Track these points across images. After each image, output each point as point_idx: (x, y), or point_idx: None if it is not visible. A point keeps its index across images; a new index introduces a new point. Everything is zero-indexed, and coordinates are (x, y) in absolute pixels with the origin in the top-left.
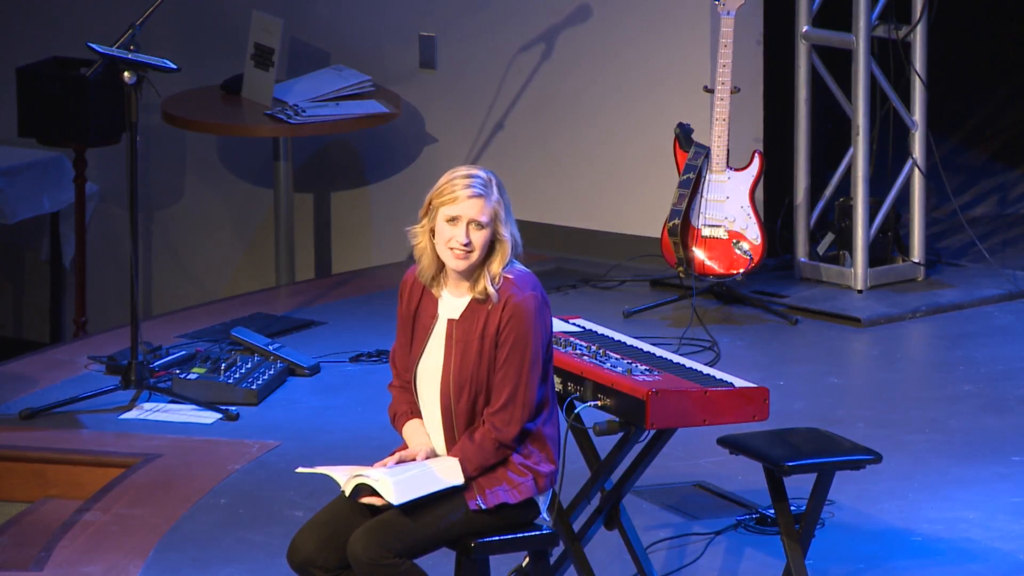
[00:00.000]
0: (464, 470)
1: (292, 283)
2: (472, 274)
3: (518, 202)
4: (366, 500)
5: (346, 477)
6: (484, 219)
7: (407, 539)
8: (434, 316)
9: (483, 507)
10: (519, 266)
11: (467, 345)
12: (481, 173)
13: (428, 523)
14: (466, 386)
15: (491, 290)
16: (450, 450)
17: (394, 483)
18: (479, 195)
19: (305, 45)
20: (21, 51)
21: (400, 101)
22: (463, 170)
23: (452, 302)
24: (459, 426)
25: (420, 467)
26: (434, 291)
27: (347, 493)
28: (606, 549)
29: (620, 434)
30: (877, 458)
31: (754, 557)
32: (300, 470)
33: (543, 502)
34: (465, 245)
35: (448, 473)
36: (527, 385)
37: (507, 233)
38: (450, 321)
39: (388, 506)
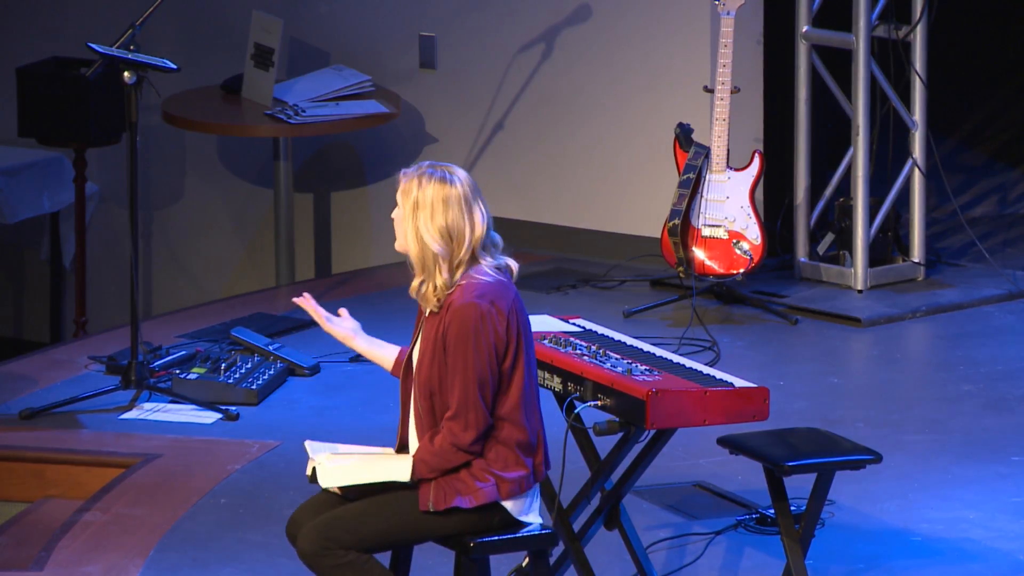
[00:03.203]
0: (416, 471)
1: (292, 283)
2: (420, 277)
3: (518, 202)
4: (328, 486)
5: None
6: (398, 198)
7: (353, 532)
8: (422, 314)
9: (432, 508)
10: (487, 275)
11: (427, 344)
12: (423, 164)
13: (375, 517)
14: (424, 386)
15: (433, 295)
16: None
17: (328, 469)
18: (399, 179)
19: (305, 45)
20: (21, 51)
21: (400, 101)
22: None
23: (434, 303)
24: (425, 425)
25: (364, 457)
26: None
27: (310, 478)
28: (606, 549)
29: (620, 434)
30: (877, 458)
31: (754, 557)
32: (308, 443)
33: (523, 505)
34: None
35: (392, 469)
36: (473, 393)
37: (426, 227)
38: (426, 320)
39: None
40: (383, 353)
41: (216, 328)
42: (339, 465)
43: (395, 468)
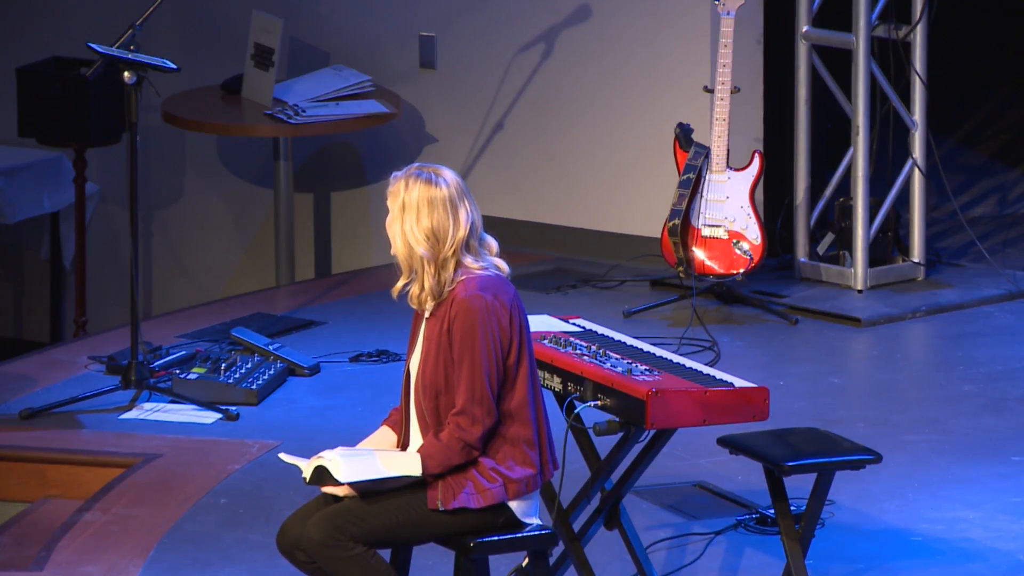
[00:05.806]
0: (425, 466)
1: (292, 283)
2: (407, 278)
3: (518, 202)
4: (327, 489)
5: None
6: (387, 203)
7: (363, 524)
8: (422, 317)
9: (441, 508)
10: (484, 271)
11: (430, 344)
12: (411, 166)
13: (385, 512)
14: (429, 386)
15: (418, 296)
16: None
17: (344, 462)
18: (389, 182)
19: (305, 45)
20: (21, 51)
21: (400, 101)
22: None
23: (429, 304)
24: (432, 426)
25: (376, 453)
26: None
27: (307, 479)
28: (606, 549)
29: (620, 434)
30: (877, 458)
31: (754, 557)
32: (282, 456)
33: (526, 506)
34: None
35: (404, 463)
36: (481, 386)
37: (412, 229)
38: (426, 321)
39: (348, 497)
40: (380, 437)
41: (216, 328)
42: (353, 460)
43: (406, 464)
